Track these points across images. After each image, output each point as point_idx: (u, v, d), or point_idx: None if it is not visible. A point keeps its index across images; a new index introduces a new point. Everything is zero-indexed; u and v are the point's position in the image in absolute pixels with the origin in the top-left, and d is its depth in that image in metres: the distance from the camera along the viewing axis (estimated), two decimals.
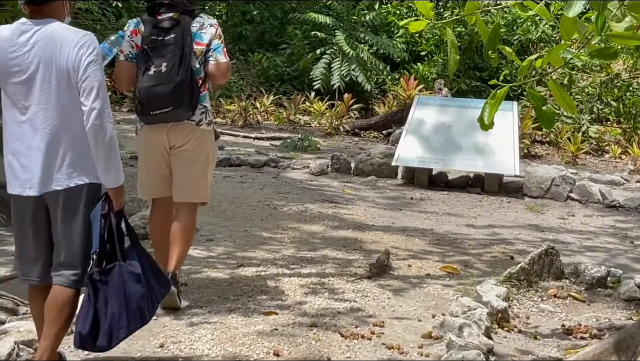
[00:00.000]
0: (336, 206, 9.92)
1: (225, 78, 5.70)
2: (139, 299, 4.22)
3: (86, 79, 4.03)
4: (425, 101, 13.29)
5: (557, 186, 11.19)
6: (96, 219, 4.18)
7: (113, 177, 4.19)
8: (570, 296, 6.42)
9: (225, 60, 5.56)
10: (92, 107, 4.02)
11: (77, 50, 4.03)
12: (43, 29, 4.08)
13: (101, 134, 4.05)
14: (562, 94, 4.55)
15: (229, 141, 15.51)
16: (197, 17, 5.57)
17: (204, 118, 5.55)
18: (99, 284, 4.14)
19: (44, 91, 4.06)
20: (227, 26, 23.15)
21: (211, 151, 5.70)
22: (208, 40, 5.52)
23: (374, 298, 6.23)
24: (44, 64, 4.04)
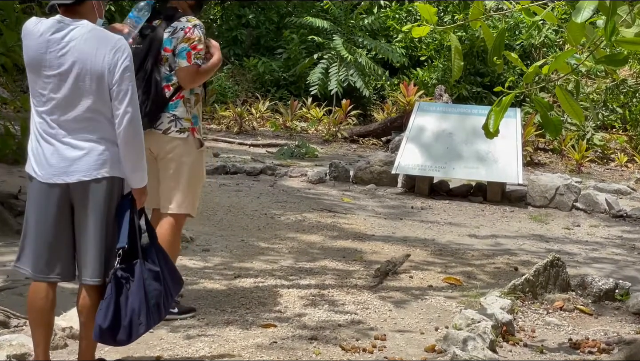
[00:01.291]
0: (335, 216, 9.78)
1: (192, 83, 5.46)
2: (157, 296, 4.32)
3: (121, 83, 4.14)
4: (426, 108, 13.15)
5: (561, 195, 11.04)
6: (124, 216, 4.26)
7: (139, 178, 4.29)
8: (577, 309, 6.31)
9: (186, 64, 5.37)
10: (125, 111, 4.14)
11: (113, 53, 4.13)
12: (78, 29, 4.15)
13: (131, 137, 4.17)
14: (569, 101, 4.45)
15: (224, 148, 15.39)
16: (176, 20, 5.43)
17: (172, 126, 5.40)
18: (122, 280, 4.22)
19: (75, 89, 4.13)
20: (222, 30, 23.10)
21: (188, 161, 5.49)
22: (175, 46, 5.40)
23: (375, 310, 6.15)
24: (80, 63, 4.11)
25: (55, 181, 4.18)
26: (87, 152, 4.16)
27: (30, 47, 4.15)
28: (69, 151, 4.16)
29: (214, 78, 19.17)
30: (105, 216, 4.21)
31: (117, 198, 4.26)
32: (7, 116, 8.50)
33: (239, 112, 18.15)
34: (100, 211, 4.20)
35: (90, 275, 4.23)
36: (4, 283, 6.25)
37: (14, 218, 8.02)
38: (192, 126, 5.47)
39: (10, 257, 6.95)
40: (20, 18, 8.20)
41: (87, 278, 4.24)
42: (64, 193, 4.22)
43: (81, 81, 4.11)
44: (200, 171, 5.61)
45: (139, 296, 4.21)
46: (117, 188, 4.25)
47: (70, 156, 4.15)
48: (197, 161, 5.55)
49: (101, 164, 4.18)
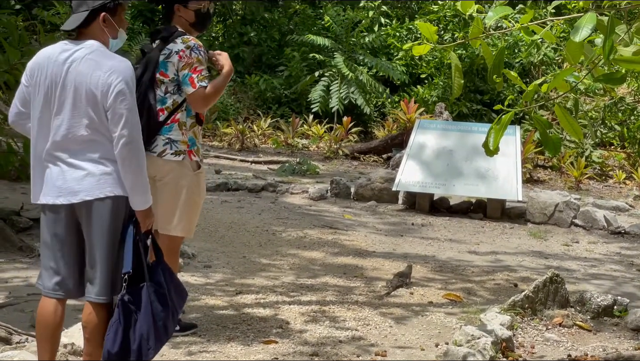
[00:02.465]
0: (336, 232, 9.81)
1: (205, 105, 5.43)
2: (165, 318, 4.31)
3: (115, 106, 4.12)
4: (426, 125, 13.20)
5: (560, 212, 11.08)
6: (128, 240, 4.25)
7: (140, 200, 4.25)
8: (576, 325, 6.32)
9: (192, 90, 5.32)
10: (121, 135, 4.12)
11: (107, 76, 4.12)
12: (81, 50, 4.20)
13: (127, 160, 4.14)
14: (568, 119, 4.47)
15: (226, 165, 15.44)
16: (171, 42, 5.41)
17: (168, 149, 5.36)
18: (129, 306, 4.21)
19: (74, 110, 4.16)
20: (224, 47, 23.15)
21: (185, 183, 5.44)
22: (172, 72, 5.36)
23: (375, 327, 6.16)
24: (77, 84, 4.14)
25: (61, 202, 4.22)
26: (90, 172, 4.18)
27: (46, 74, 4.21)
28: (72, 172, 4.19)
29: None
30: (111, 235, 4.22)
31: (124, 216, 4.27)
32: (10, 133, 8.52)
33: (240, 129, 18.20)
34: (105, 230, 4.21)
35: (97, 293, 4.25)
36: (6, 300, 6.26)
37: (16, 235, 8.05)
38: (189, 148, 5.42)
39: (12, 273, 7.00)
40: (23, 36, 8.26)
41: (92, 296, 4.27)
42: (70, 213, 4.26)
43: (79, 102, 4.14)
44: (197, 194, 5.53)
45: (147, 320, 4.21)
46: (123, 207, 4.25)
47: (74, 176, 4.18)
48: (194, 183, 5.48)
49: (104, 184, 4.19)
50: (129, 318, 4.20)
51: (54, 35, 8.66)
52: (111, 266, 4.25)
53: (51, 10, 13.80)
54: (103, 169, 4.19)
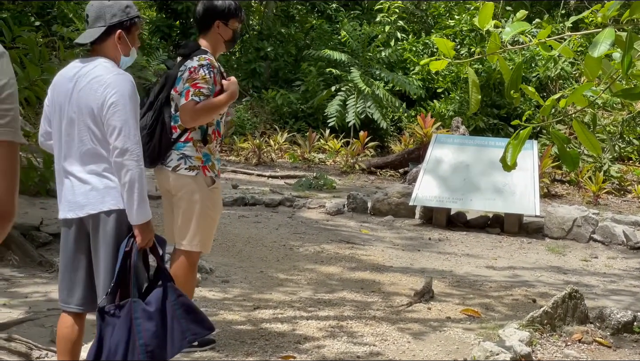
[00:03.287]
0: (353, 247, 9.81)
1: (192, 121, 5.33)
2: (149, 337, 4.19)
3: (109, 119, 4.15)
4: (443, 140, 13.20)
5: (579, 227, 11.04)
6: (120, 253, 4.23)
7: (135, 214, 4.21)
8: (595, 341, 6.28)
9: (183, 101, 5.29)
10: (114, 146, 4.15)
11: (103, 89, 4.17)
12: (86, 67, 4.28)
13: (122, 172, 4.16)
14: (586, 134, 4.46)
15: (243, 179, 15.46)
16: (190, 59, 5.42)
17: (182, 164, 5.36)
18: (107, 317, 4.18)
19: (80, 124, 4.23)
20: (240, 63, 23.27)
21: (199, 198, 5.43)
22: (181, 87, 5.38)
23: (393, 342, 6.14)
24: (79, 99, 4.22)
25: (71, 216, 4.29)
26: (94, 186, 4.23)
27: (59, 92, 4.31)
28: (80, 186, 4.25)
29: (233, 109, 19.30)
30: (114, 248, 4.24)
31: (129, 229, 4.27)
32: (30, 149, 8.57)
33: (257, 143, 18.24)
34: (109, 243, 4.23)
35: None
36: (25, 315, 6.28)
37: (36, 250, 8.08)
38: (203, 164, 5.41)
39: (31, 288, 7.02)
40: (43, 52, 8.32)
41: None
42: (79, 226, 4.31)
43: (82, 117, 4.22)
44: (212, 209, 5.52)
45: (119, 335, 4.15)
46: (127, 220, 4.25)
47: (81, 190, 4.24)
48: (209, 198, 5.47)
49: (107, 197, 4.22)
50: (106, 329, 4.18)
51: (74, 52, 8.72)
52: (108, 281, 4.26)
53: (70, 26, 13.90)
54: (107, 183, 4.24)
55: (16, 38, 8.29)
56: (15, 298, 6.73)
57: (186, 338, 4.43)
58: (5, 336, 5.36)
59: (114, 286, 4.19)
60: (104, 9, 4.31)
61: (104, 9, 4.31)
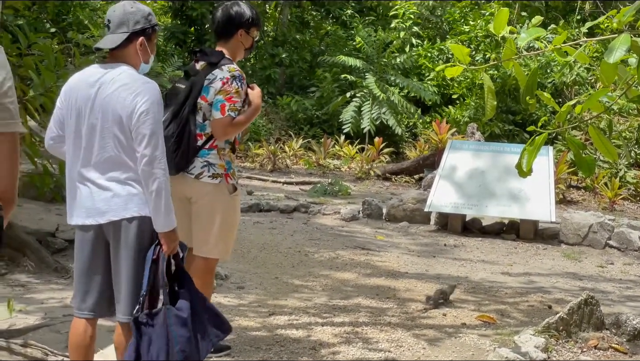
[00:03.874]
0: (368, 253, 9.80)
1: (225, 135, 5.38)
2: (184, 343, 4.24)
3: (139, 126, 4.15)
4: (459, 146, 13.18)
5: (594, 233, 11.01)
6: (147, 261, 4.24)
7: (161, 221, 4.23)
8: (611, 347, 6.25)
9: (219, 116, 5.30)
10: (143, 154, 4.15)
11: (133, 97, 4.17)
12: (110, 73, 4.27)
13: (149, 180, 4.17)
14: (602, 140, 4.44)
15: (258, 186, 15.48)
16: (218, 68, 5.42)
17: (205, 171, 5.35)
18: (143, 327, 4.19)
19: (103, 131, 4.23)
20: (255, 69, 23.30)
21: (221, 206, 5.43)
22: (211, 96, 5.35)
23: (408, 348, 6.13)
24: (104, 105, 4.21)
25: (89, 222, 4.28)
26: (116, 193, 4.23)
27: (78, 96, 4.29)
28: (100, 193, 4.24)
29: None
30: (136, 255, 4.25)
31: (150, 237, 4.28)
32: (46, 155, 8.60)
33: (272, 150, 18.27)
34: (131, 250, 4.24)
35: (123, 312, 4.29)
36: (41, 321, 6.30)
37: (52, 256, 8.11)
38: (226, 171, 5.41)
39: (47, 294, 7.05)
40: (58, 59, 8.35)
41: (120, 315, 4.31)
42: (98, 233, 4.32)
43: (106, 124, 4.20)
44: (233, 216, 5.53)
45: (159, 343, 4.18)
46: (149, 228, 4.26)
47: (102, 197, 4.24)
48: (230, 206, 5.48)
49: (130, 204, 4.23)
50: (143, 339, 4.19)
51: (89, 59, 8.75)
52: (137, 287, 4.27)
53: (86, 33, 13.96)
54: (129, 190, 4.24)
55: (32, 45, 8.31)
56: (31, 304, 6.75)
57: (212, 341, 4.50)
58: (22, 341, 5.39)
59: (145, 295, 4.21)
60: (127, 16, 4.32)
61: (128, 16, 4.32)
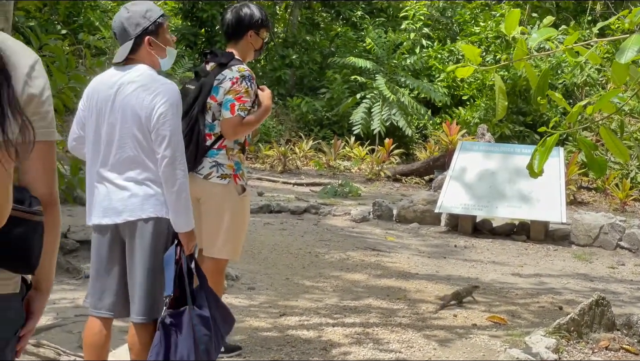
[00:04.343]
0: (379, 254, 9.80)
1: (234, 134, 5.38)
2: (207, 341, 4.30)
3: (159, 128, 4.18)
4: (469, 147, 13.17)
5: (605, 234, 10.98)
6: (169, 263, 4.26)
7: (182, 222, 4.27)
8: (622, 348, 6.24)
9: (229, 115, 5.30)
10: (163, 155, 4.18)
11: (152, 98, 4.19)
12: (128, 74, 4.31)
13: (170, 181, 4.20)
14: (614, 140, 4.43)
15: (268, 187, 15.49)
16: (227, 68, 5.42)
17: (214, 172, 5.34)
18: (170, 328, 4.23)
19: (121, 131, 4.25)
20: (265, 70, 23.32)
21: (230, 207, 5.42)
22: (221, 96, 5.35)
23: (419, 349, 6.13)
24: (123, 106, 4.24)
25: (106, 222, 4.30)
26: (133, 193, 4.25)
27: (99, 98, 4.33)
28: (117, 193, 4.26)
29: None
30: (152, 256, 4.26)
31: (166, 238, 4.30)
32: (57, 156, 8.62)
33: (282, 151, 18.29)
34: (147, 250, 4.26)
35: (137, 313, 4.31)
36: (53, 321, 6.33)
37: (63, 257, 8.13)
38: (234, 172, 5.40)
39: (59, 295, 7.07)
40: (69, 60, 8.38)
41: (134, 316, 4.33)
42: (114, 233, 4.33)
43: (125, 124, 4.23)
44: (242, 217, 5.51)
45: (188, 344, 4.22)
46: (165, 228, 4.29)
47: (119, 197, 4.26)
48: (239, 206, 5.46)
49: (147, 205, 4.25)
50: (170, 340, 4.22)
51: (100, 60, 8.78)
52: (151, 287, 4.28)
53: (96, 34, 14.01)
54: (147, 191, 4.26)
55: (43, 46, 8.34)
56: None
57: (223, 338, 4.55)
58: (34, 341, 5.40)
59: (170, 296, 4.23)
60: (125, 23, 4.33)
61: (125, 23, 4.33)
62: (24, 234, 2.34)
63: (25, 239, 2.35)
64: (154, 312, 4.31)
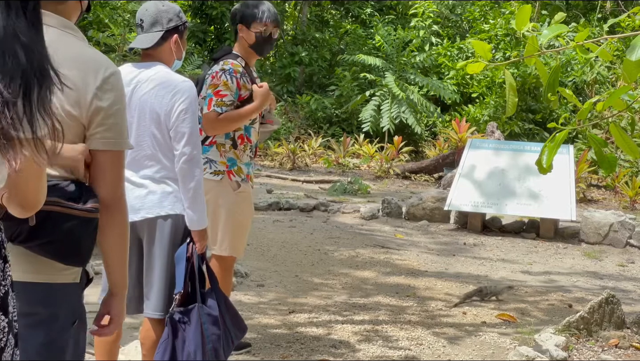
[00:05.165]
0: (388, 252, 9.80)
1: (212, 130, 5.30)
2: (215, 341, 4.30)
3: (179, 125, 4.19)
4: (478, 144, 13.14)
5: (615, 232, 10.95)
6: (181, 260, 4.28)
7: (197, 219, 4.29)
8: (632, 346, 6.23)
9: (205, 111, 5.22)
10: (182, 152, 4.20)
11: (171, 96, 4.21)
12: (146, 72, 4.31)
13: (188, 178, 4.22)
14: (624, 137, 4.42)
15: (277, 184, 15.49)
16: (216, 63, 5.39)
17: (207, 168, 5.29)
18: (179, 324, 4.24)
19: (139, 129, 4.27)
20: (275, 68, 23.33)
21: (225, 203, 5.37)
22: (204, 90, 5.31)
23: (428, 346, 6.13)
24: (141, 103, 4.25)
25: None
26: (151, 190, 4.27)
27: None
28: (135, 190, 4.26)
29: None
30: (170, 252, 4.29)
31: (182, 235, 4.32)
32: None
33: (292, 148, 18.29)
34: (165, 248, 4.28)
35: (154, 308, 4.32)
36: None
37: None
38: (228, 168, 5.36)
39: None
40: None
41: (149, 311, 4.34)
42: (131, 231, 4.30)
43: (143, 122, 4.24)
44: (240, 213, 5.45)
45: (196, 340, 4.23)
46: (182, 226, 4.31)
47: (136, 194, 4.26)
48: (235, 203, 5.41)
49: (165, 202, 4.27)
50: (177, 336, 4.23)
51: (110, 57, 8.78)
52: (167, 284, 4.30)
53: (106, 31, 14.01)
54: (164, 188, 4.28)
55: None
56: None
57: (233, 342, 4.53)
58: None
59: (181, 293, 4.25)
60: (160, 14, 4.34)
61: (161, 14, 4.34)
62: (73, 229, 2.59)
63: (74, 233, 2.59)
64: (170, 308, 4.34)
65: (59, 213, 2.57)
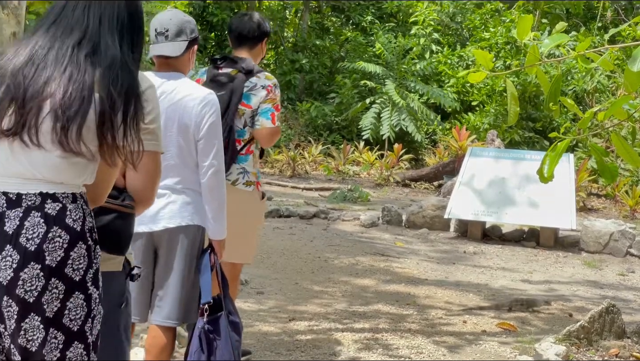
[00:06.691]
0: (388, 259, 9.79)
1: (271, 143, 5.49)
2: (238, 347, 4.40)
3: (208, 137, 4.28)
4: (479, 153, 13.14)
5: (615, 241, 10.95)
6: (206, 270, 4.34)
7: (220, 229, 4.37)
8: (632, 356, 6.21)
9: (270, 125, 5.31)
10: (210, 164, 4.29)
11: (201, 107, 4.28)
12: (171, 82, 4.35)
13: (216, 190, 4.31)
14: (625, 147, 4.42)
15: (277, 191, 15.48)
16: (254, 76, 5.41)
17: (240, 178, 5.34)
18: (211, 335, 4.31)
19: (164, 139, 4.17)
20: (275, 75, 23.30)
21: (250, 213, 5.45)
22: (255, 103, 5.32)
23: (429, 355, 6.13)
24: (168, 113, 4.25)
25: (142, 229, 4.27)
26: (171, 200, 4.31)
27: None
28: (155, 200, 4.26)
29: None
30: (188, 262, 4.31)
31: (200, 246, 4.36)
32: None
33: (292, 156, 18.29)
34: (184, 258, 4.31)
35: (166, 316, 4.33)
36: None
37: None
38: (257, 179, 5.44)
39: None
40: None
41: (160, 319, 4.34)
42: (148, 240, 4.35)
43: (169, 132, 4.25)
44: (258, 222, 5.60)
45: (228, 349, 4.29)
46: (200, 236, 4.36)
47: (157, 204, 4.19)
48: (259, 212, 5.55)
49: (185, 213, 4.31)
50: (212, 346, 4.28)
51: None
52: (184, 293, 4.32)
53: None
54: (184, 199, 4.33)
55: None
56: None
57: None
58: None
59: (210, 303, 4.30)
60: (185, 24, 4.39)
61: (185, 24, 4.39)
62: (114, 222, 3.03)
63: (115, 225, 3.03)
64: (189, 317, 4.39)
65: (102, 208, 2.91)
